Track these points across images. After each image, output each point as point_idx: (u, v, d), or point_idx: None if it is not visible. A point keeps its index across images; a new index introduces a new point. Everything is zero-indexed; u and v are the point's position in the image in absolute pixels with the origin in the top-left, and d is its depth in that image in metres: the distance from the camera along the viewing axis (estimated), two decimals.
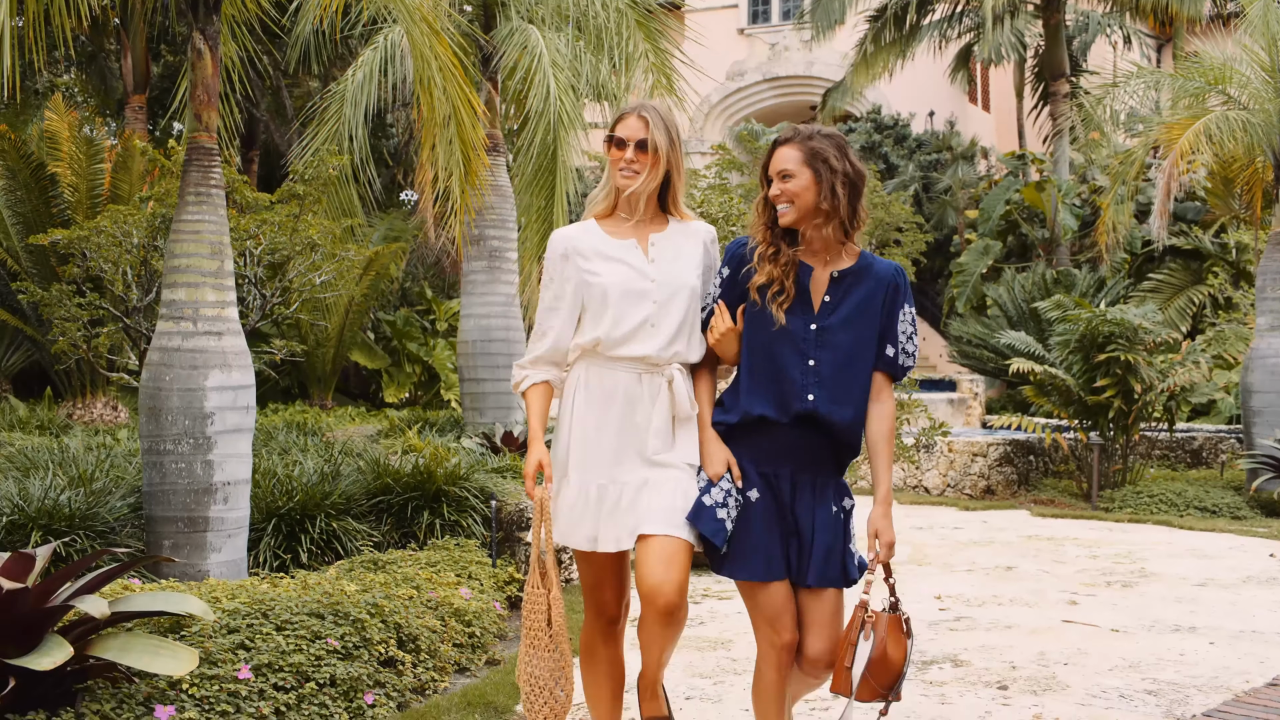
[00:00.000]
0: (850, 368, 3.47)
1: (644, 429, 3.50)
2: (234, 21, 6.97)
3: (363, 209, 11.82)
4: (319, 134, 10.32)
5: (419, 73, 6.48)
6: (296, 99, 20.61)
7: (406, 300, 19.84)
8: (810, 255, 3.51)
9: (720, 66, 27.52)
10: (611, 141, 3.57)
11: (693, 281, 3.56)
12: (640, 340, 3.49)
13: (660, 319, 3.51)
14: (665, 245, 3.61)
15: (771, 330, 3.44)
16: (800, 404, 3.42)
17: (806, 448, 3.47)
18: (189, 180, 5.79)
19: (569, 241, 3.57)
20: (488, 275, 10.77)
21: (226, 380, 5.70)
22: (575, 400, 3.57)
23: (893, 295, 3.54)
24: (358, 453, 8.09)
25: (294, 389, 17.70)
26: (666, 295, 3.52)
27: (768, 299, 3.45)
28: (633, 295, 3.50)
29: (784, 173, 3.45)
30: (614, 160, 3.57)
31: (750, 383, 3.48)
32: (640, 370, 3.51)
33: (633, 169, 3.52)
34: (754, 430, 3.48)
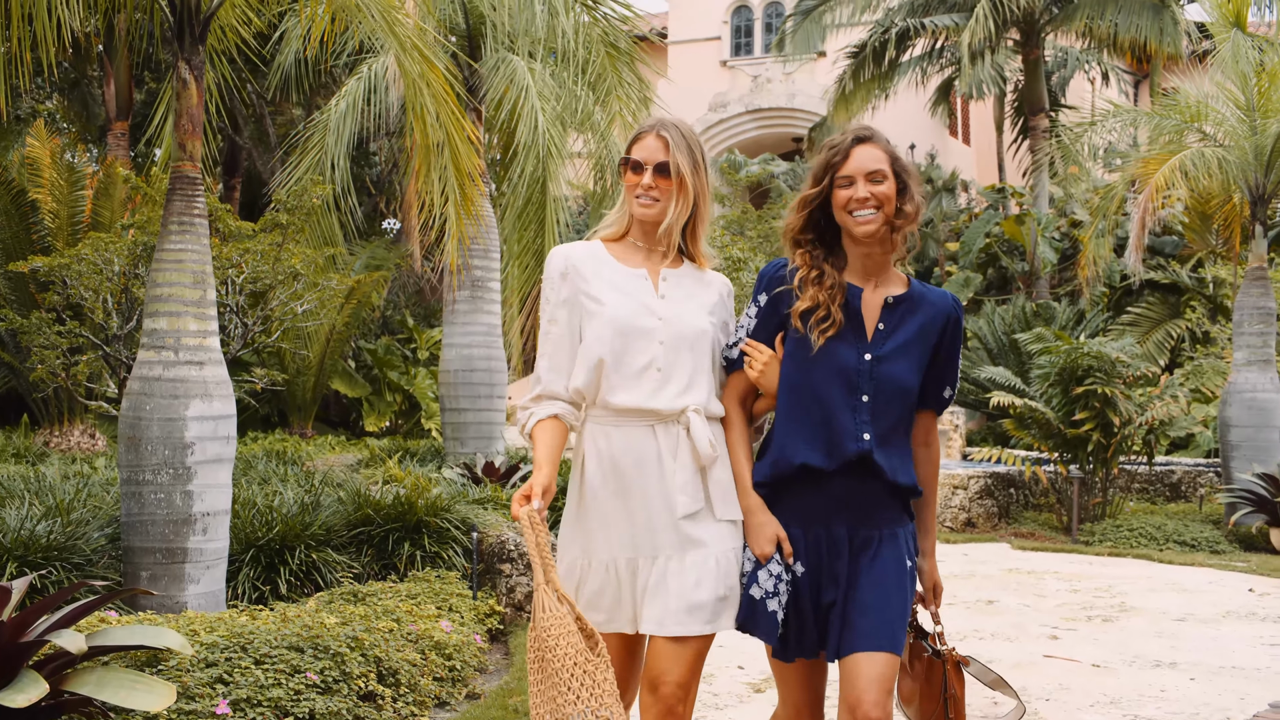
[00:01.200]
0: (902, 404, 3.09)
1: (669, 487, 3.06)
2: (216, 52, 6.98)
3: (344, 237, 11.82)
4: (302, 163, 10.34)
5: (411, 101, 6.48)
6: (280, 126, 20.63)
7: (388, 328, 19.81)
8: (858, 278, 3.13)
9: (703, 98, 27.70)
10: (627, 164, 3.17)
11: (705, 326, 3.14)
12: (645, 388, 3.06)
13: (668, 365, 3.09)
14: (677, 283, 3.20)
15: (815, 363, 3.05)
16: (853, 446, 3.00)
17: (864, 497, 3.04)
18: (172, 209, 5.78)
19: (569, 260, 3.16)
20: (470, 305, 10.76)
21: (207, 410, 5.67)
22: (587, 468, 3.12)
23: (953, 330, 3.17)
24: (338, 483, 8.05)
25: (274, 417, 17.62)
26: (675, 338, 3.10)
27: (810, 326, 3.04)
28: (636, 332, 3.08)
29: (876, 174, 3.04)
30: (630, 186, 3.16)
31: (790, 427, 3.07)
32: (652, 422, 3.07)
33: (651, 195, 3.12)
34: (797, 485, 3.06)
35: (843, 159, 3.07)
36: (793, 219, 3.18)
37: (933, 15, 20.11)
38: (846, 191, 3.04)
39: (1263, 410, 11.26)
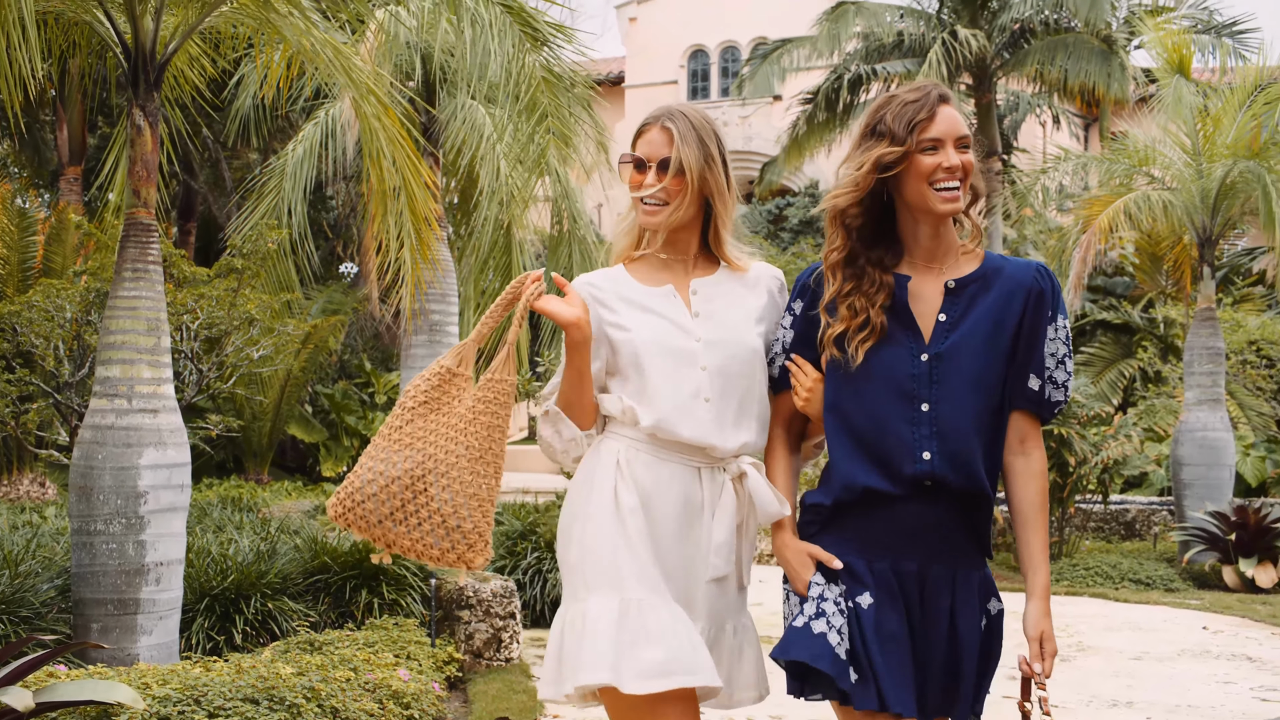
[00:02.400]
0: (977, 408, 2.55)
1: (703, 544, 2.67)
2: (170, 99, 6.96)
3: (301, 282, 11.77)
4: (258, 208, 10.30)
5: (367, 145, 6.49)
6: (236, 171, 20.55)
7: (345, 373, 19.70)
8: (918, 265, 2.64)
9: None
10: (630, 163, 2.76)
11: (754, 342, 2.72)
12: (692, 420, 2.63)
13: (716, 392, 2.66)
14: (712, 294, 2.76)
15: (859, 377, 2.58)
16: (913, 466, 2.52)
17: (933, 526, 2.55)
18: (126, 256, 5.74)
19: (589, 287, 2.76)
20: (428, 349, 10.72)
21: (161, 458, 5.61)
22: (614, 493, 2.65)
23: (1035, 303, 2.59)
24: (295, 530, 7.98)
25: (229, 463, 17.45)
26: (720, 359, 2.67)
27: (849, 339, 2.58)
28: (673, 357, 2.65)
29: (963, 141, 2.55)
30: (633, 187, 2.75)
31: (843, 446, 2.59)
32: (699, 464, 2.66)
33: (658, 198, 2.70)
34: (859, 510, 2.58)
35: (928, 117, 2.52)
36: (848, 194, 2.59)
37: (887, 61, 20.36)
38: (933, 158, 2.52)
39: (1214, 449, 11.39)
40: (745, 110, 27.19)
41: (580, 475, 2.73)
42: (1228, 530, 10.51)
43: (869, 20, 19.87)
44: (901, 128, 2.52)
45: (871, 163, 2.54)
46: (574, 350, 2.65)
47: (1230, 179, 11.14)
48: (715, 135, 2.73)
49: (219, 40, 6.79)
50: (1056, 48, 18.36)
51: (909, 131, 2.52)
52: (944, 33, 18.52)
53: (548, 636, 2.77)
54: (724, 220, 2.78)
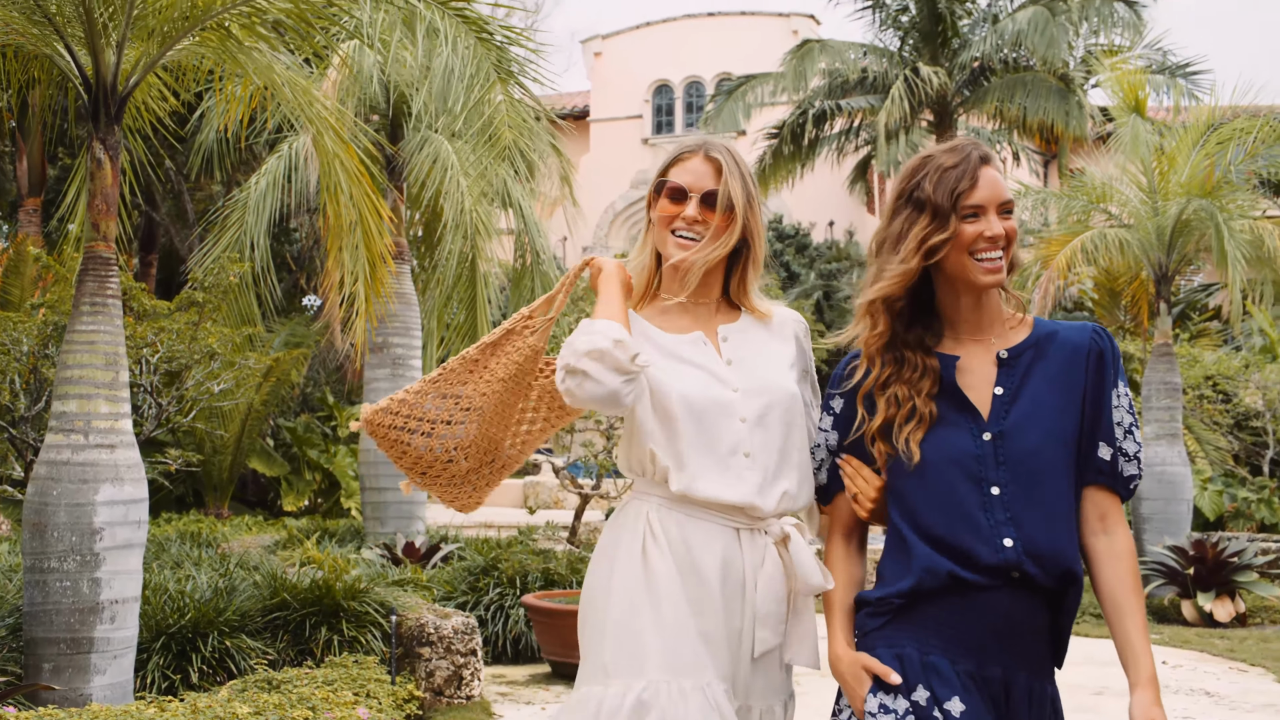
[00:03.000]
0: (1053, 486, 2.30)
1: (748, 615, 2.41)
2: (132, 130, 6.93)
3: (264, 314, 11.72)
4: (220, 241, 10.27)
5: (325, 180, 6.50)
6: (199, 202, 20.47)
7: (308, 406, 19.58)
8: (963, 339, 2.41)
9: (625, 175, 28.00)
10: (664, 191, 2.51)
11: (791, 386, 2.49)
12: (731, 478, 2.39)
13: (756, 445, 2.42)
14: (742, 341, 2.54)
15: (921, 468, 2.33)
16: (995, 555, 2.25)
17: (1020, 624, 2.27)
18: (84, 290, 5.69)
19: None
20: (390, 383, 10.69)
21: (118, 494, 5.55)
22: (650, 556, 2.41)
23: (1096, 366, 2.36)
24: (254, 565, 7.90)
25: (189, 497, 17.27)
26: (758, 409, 2.44)
27: (896, 435, 2.35)
28: (710, 410, 2.41)
29: (1008, 206, 2.35)
30: (664, 218, 2.50)
31: (917, 533, 2.32)
32: (738, 525, 2.40)
33: (694, 231, 2.47)
34: (940, 600, 2.28)
35: (971, 185, 2.32)
36: (897, 283, 2.36)
37: (850, 97, 20.58)
38: (974, 227, 2.31)
39: (1172, 484, 11.50)
40: None
41: (605, 541, 2.50)
42: (1186, 565, 10.59)
43: (833, 57, 20.10)
44: (944, 198, 2.31)
45: (915, 246, 2.33)
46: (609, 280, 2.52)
47: (1185, 216, 11.32)
48: (752, 176, 2.56)
49: (181, 73, 6.77)
50: (1015, 86, 18.63)
51: (952, 203, 2.30)
52: (906, 70, 18.76)
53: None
54: (756, 264, 2.58)
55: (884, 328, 2.39)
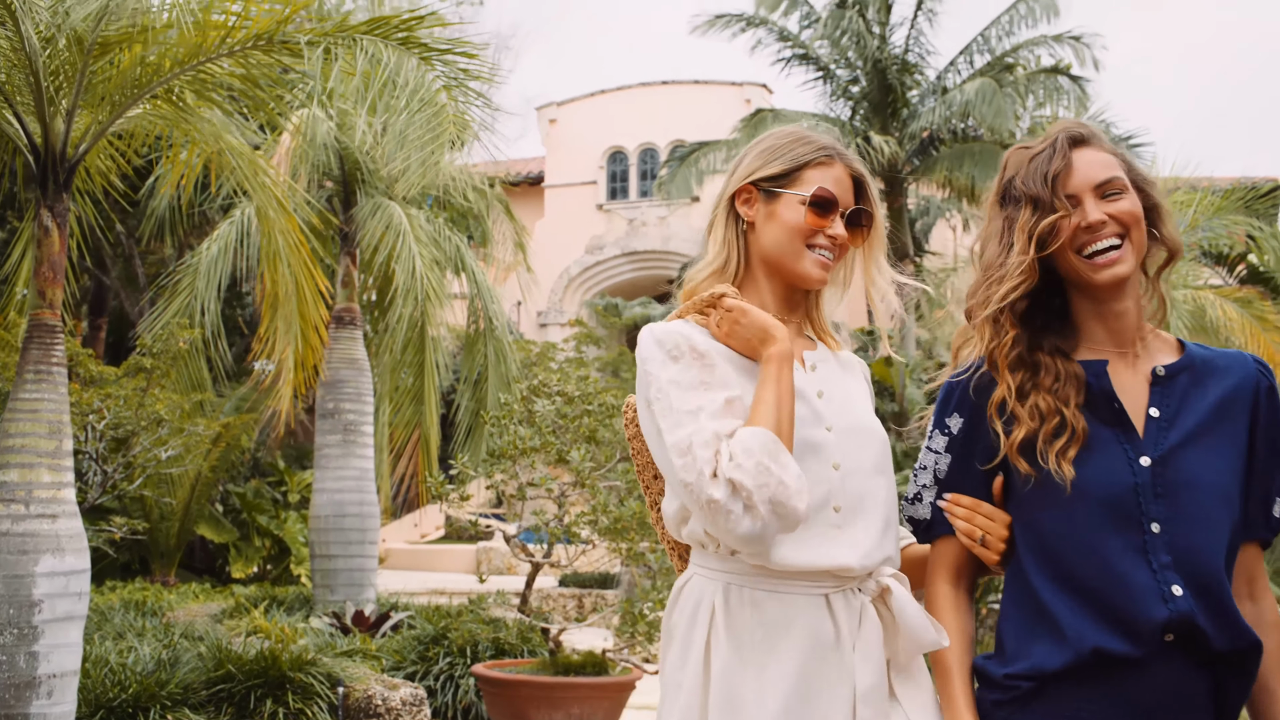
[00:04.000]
0: (1221, 525, 1.91)
1: (845, 693, 1.97)
2: (81, 192, 6.90)
3: (214, 379, 11.63)
4: (170, 307, 10.20)
5: (265, 247, 6.51)
6: (150, 266, 20.34)
7: (258, 470, 19.37)
8: (1108, 351, 2.05)
9: (580, 240, 28.15)
10: (814, 199, 2.12)
11: (882, 431, 2.15)
12: (819, 538, 1.99)
13: (849, 499, 2.04)
14: (828, 372, 2.19)
15: (1065, 499, 1.92)
16: (1161, 608, 1.84)
17: (1186, 705, 1.87)
18: (29, 357, 5.63)
19: (685, 340, 2.05)
20: (342, 449, 10.61)
21: (59, 565, 5.46)
22: (712, 650, 2.00)
23: (1268, 401, 1.99)
24: (199, 635, 7.78)
25: (135, 564, 16.98)
26: (853, 453, 2.07)
27: (1043, 453, 1.95)
28: (803, 453, 2.00)
29: (1109, 185, 2.00)
30: (804, 229, 2.12)
31: (1059, 585, 1.93)
32: (827, 589, 1.99)
33: (835, 251, 2.15)
34: (1092, 680, 1.88)
35: (1064, 166, 2.01)
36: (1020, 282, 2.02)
37: None
38: (1072, 220, 1.99)
39: None
40: (663, 211, 27.59)
41: (669, 625, 2.11)
42: None
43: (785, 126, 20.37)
44: (1040, 187, 2.00)
45: (1025, 239, 2.01)
46: (785, 362, 2.00)
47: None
48: None
49: (132, 138, 6.77)
50: (964, 155, 18.97)
51: (1051, 190, 2.00)
52: (857, 139, 19.04)
53: None
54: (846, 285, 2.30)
55: (1012, 334, 2.02)
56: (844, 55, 20.02)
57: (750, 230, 2.18)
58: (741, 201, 2.19)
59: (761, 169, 2.18)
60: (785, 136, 2.22)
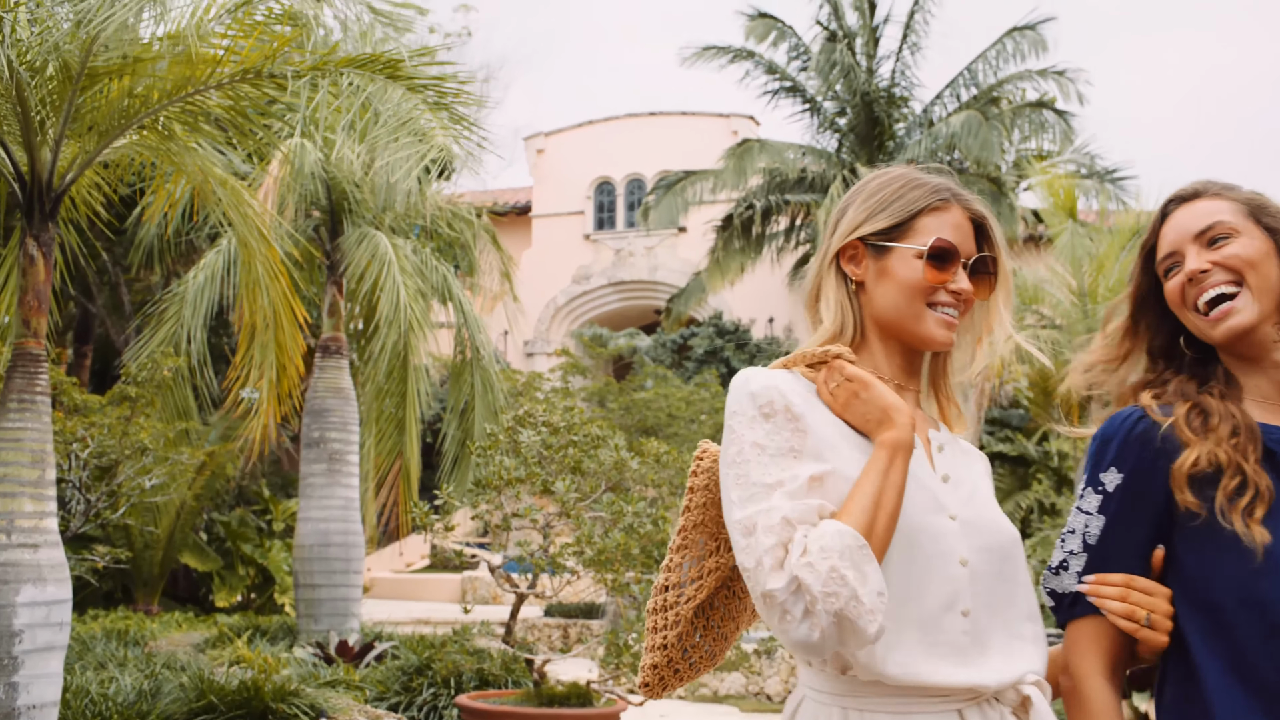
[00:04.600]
0: None
1: None
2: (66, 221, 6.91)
3: (200, 408, 11.61)
4: (156, 335, 10.20)
5: (245, 276, 6.53)
6: (136, 294, 20.32)
7: (243, 498, 19.29)
8: (1266, 408, 1.83)
9: (567, 270, 28.23)
10: (932, 251, 1.83)
11: (1011, 528, 1.83)
12: (945, 648, 1.69)
13: (979, 600, 1.73)
14: (955, 459, 1.90)
15: (1249, 566, 1.66)
16: None
17: None
18: (12, 386, 5.63)
19: (781, 397, 1.76)
20: (327, 478, 10.59)
21: (40, 595, 5.43)
22: None
23: None
24: (181, 665, 7.74)
25: (117, 593, 16.87)
26: (982, 548, 1.77)
27: (1225, 507, 1.69)
28: (925, 543, 1.72)
29: (1211, 232, 1.83)
30: (922, 287, 1.83)
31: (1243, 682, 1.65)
32: (960, 704, 1.70)
33: (959, 308, 1.87)
34: None
35: (1152, 235, 1.92)
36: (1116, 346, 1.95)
37: (790, 193, 21.00)
38: (1176, 279, 1.86)
39: None
40: (651, 241, 27.71)
41: None
42: None
43: (772, 156, 20.51)
44: (1141, 253, 1.93)
45: (1129, 296, 1.96)
46: (901, 454, 1.71)
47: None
48: None
49: (118, 168, 6.78)
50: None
51: (1144, 259, 1.93)
52: (844, 170, 19.16)
53: None
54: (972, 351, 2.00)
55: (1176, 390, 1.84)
56: (831, 88, 20.17)
57: (860, 290, 1.90)
58: (847, 259, 1.90)
59: (867, 222, 1.88)
60: (892, 181, 1.92)
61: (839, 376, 1.80)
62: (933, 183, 1.90)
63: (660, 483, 8.23)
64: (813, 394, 1.81)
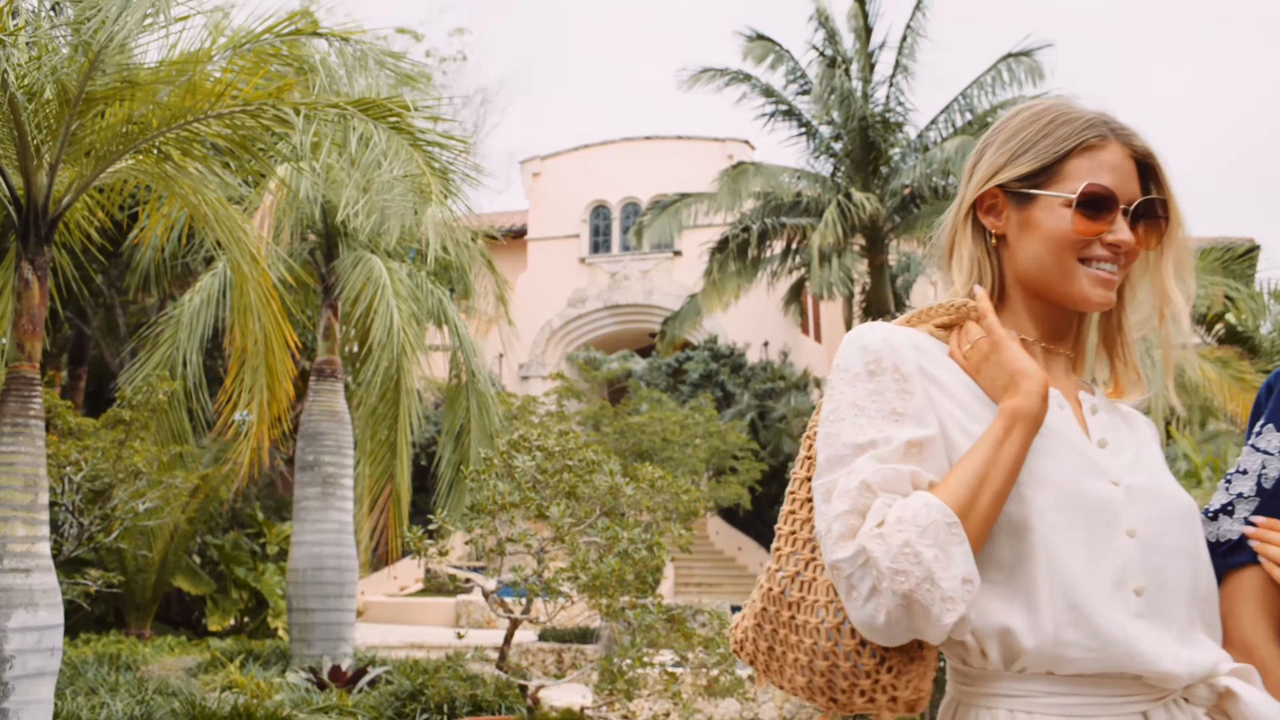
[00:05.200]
0: None
1: None
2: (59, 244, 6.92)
3: (195, 430, 11.59)
4: (151, 359, 10.19)
5: (237, 300, 6.54)
6: (131, 316, 20.30)
7: (237, 521, 19.24)
8: None
9: (562, 293, 28.26)
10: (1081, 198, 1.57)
11: (1186, 496, 1.59)
12: (1119, 629, 1.45)
13: (1151, 577, 1.50)
14: (1112, 423, 1.65)
15: None
16: None
17: None
18: (6, 410, 5.62)
19: (916, 353, 1.57)
20: (321, 502, 10.56)
21: (31, 620, 5.41)
22: None
23: None
24: (173, 690, 7.69)
25: (110, 617, 16.80)
26: (1150, 519, 1.53)
27: None
28: (1083, 514, 1.49)
29: None
30: (1066, 242, 1.58)
31: None
32: (1142, 703, 1.47)
33: (1121, 261, 1.61)
34: None
35: None
36: None
37: (785, 216, 21.05)
38: None
39: None
40: (646, 265, 27.75)
41: None
42: None
43: (767, 180, 20.58)
44: None
45: None
46: (1021, 425, 1.49)
47: None
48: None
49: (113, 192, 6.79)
50: (944, 213, 19.16)
51: None
52: (839, 195, 19.21)
53: None
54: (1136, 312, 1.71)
55: None
56: (829, 113, 20.25)
57: (1001, 244, 1.67)
58: (985, 210, 1.67)
59: (1008, 166, 1.64)
60: (1038, 117, 1.66)
61: (969, 339, 1.60)
62: (1085, 116, 1.63)
63: (655, 508, 8.22)
64: (944, 354, 1.61)
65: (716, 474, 20.04)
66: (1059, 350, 1.67)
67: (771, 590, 1.60)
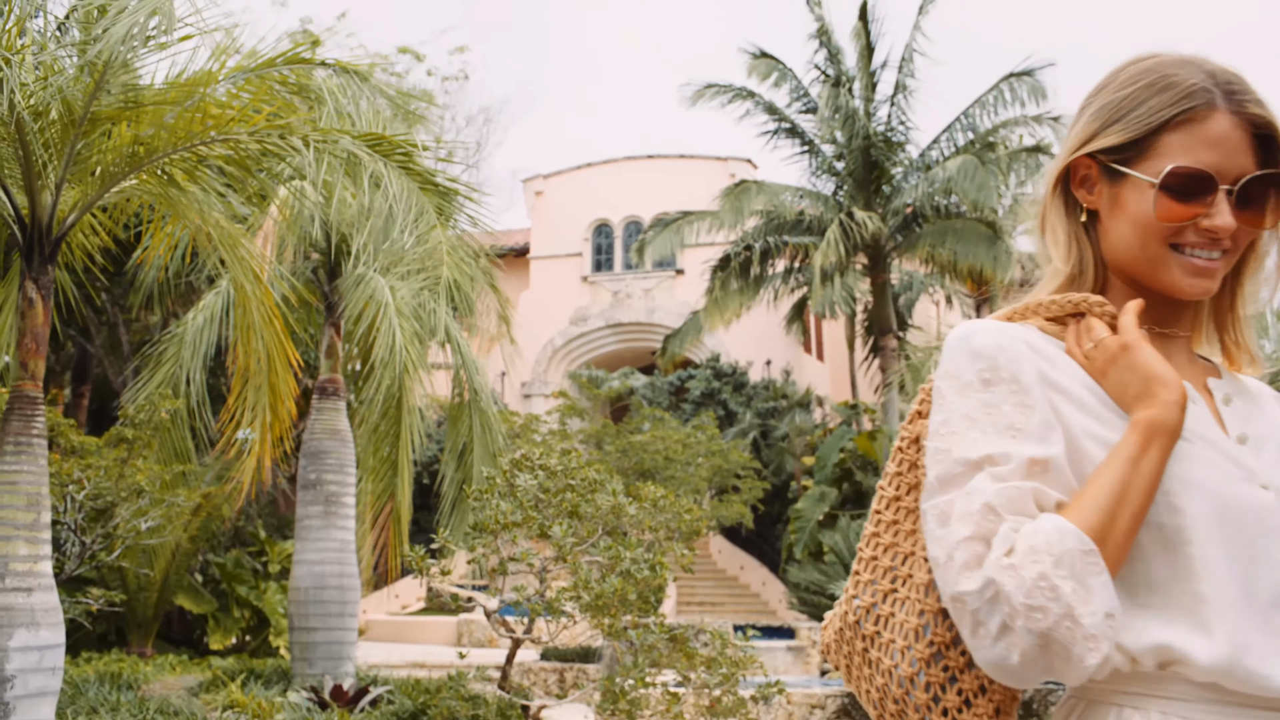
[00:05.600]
0: None
1: None
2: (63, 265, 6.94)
3: (197, 448, 11.59)
4: (155, 377, 10.20)
5: (240, 319, 6.56)
6: (135, 334, 20.32)
7: (239, 539, 19.22)
8: None
9: (565, 311, 28.28)
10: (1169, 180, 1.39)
11: None
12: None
13: None
14: (1249, 413, 1.49)
15: None
16: None
17: None
18: (9, 429, 5.62)
19: (1033, 354, 1.41)
20: (323, 520, 10.55)
21: (33, 640, 5.40)
22: None
23: None
24: (174, 710, 7.68)
25: (111, 635, 16.77)
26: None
27: None
28: (1235, 524, 1.35)
29: None
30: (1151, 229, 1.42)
31: None
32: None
33: (1224, 247, 1.43)
34: None
35: None
36: None
37: (787, 234, 21.09)
38: None
39: None
40: (648, 283, 27.77)
41: None
42: None
43: (769, 198, 20.63)
44: None
45: None
46: (1159, 439, 1.35)
47: None
48: None
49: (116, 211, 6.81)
50: (946, 231, 19.17)
51: None
52: (841, 214, 19.24)
53: None
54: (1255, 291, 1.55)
55: None
56: (832, 131, 20.31)
57: (1095, 220, 1.50)
58: (1078, 182, 1.50)
59: (1101, 134, 1.46)
60: (1140, 77, 1.46)
61: (1093, 336, 1.43)
62: (1189, 82, 1.41)
63: (657, 527, 8.21)
64: (1060, 352, 1.45)
65: (719, 493, 20.01)
66: (1177, 334, 1.51)
67: (848, 616, 1.51)
